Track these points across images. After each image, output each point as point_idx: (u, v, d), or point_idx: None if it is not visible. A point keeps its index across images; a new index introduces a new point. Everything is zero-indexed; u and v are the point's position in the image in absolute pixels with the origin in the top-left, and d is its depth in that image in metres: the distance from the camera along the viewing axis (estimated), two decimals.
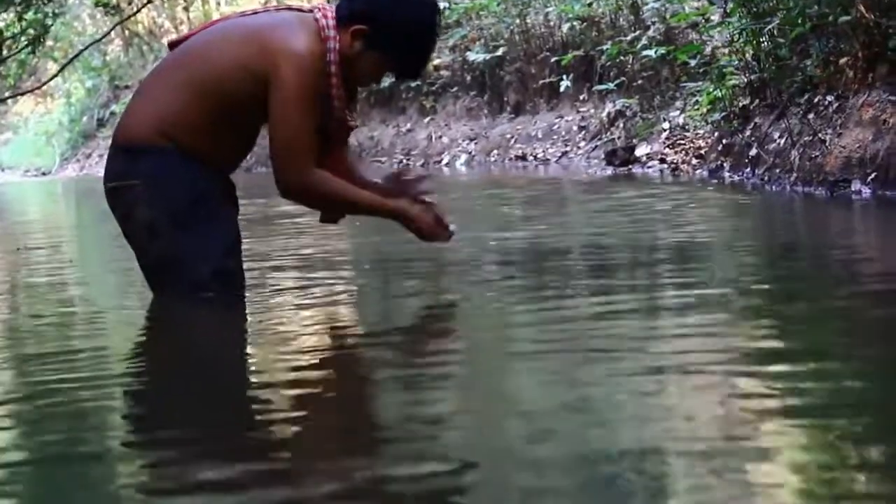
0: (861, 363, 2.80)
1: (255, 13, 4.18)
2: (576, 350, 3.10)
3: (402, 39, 3.99)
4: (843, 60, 7.68)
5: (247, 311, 4.01)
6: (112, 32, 25.22)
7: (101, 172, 4.22)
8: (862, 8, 7.34)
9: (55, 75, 17.41)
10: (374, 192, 4.18)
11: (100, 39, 19.60)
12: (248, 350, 3.51)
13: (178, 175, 3.96)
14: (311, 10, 4.07)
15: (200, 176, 4.00)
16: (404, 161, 17.10)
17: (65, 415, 2.71)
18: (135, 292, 4.48)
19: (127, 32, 26.75)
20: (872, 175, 6.77)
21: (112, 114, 25.12)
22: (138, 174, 3.97)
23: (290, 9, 4.17)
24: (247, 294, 4.16)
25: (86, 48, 19.21)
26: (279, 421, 2.58)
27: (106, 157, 4.21)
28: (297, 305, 4.10)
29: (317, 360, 3.22)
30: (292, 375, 3.02)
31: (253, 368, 3.25)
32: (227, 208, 4.14)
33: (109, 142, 4.21)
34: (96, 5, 16.49)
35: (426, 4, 4.08)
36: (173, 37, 5.24)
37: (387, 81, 17.68)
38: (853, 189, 6.88)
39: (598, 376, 2.77)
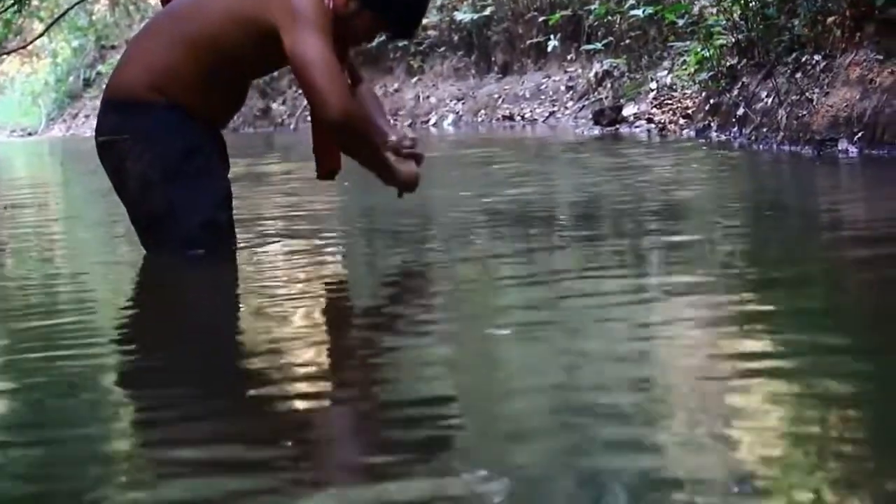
0: (841, 320, 2.83)
1: None
2: (563, 314, 3.12)
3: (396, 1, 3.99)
4: (830, 19, 7.68)
5: (237, 268, 4.02)
6: None
7: (88, 133, 4.24)
8: None
9: (41, 35, 17.31)
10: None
11: None
12: (239, 308, 3.52)
13: (169, 129, 3.96)
14: None
15: (191, 130, 4.00)
16: (392, 121, 17.08)
17: (52, 376, 2.71)
18: (123, 250, 4.49)
19: None
20: (859, 134, 6.79)
21: (98, 74, 25.05)
22: (129, 129, 3.97)
23: None
24: (237, 249, 4.17)
25: (71, 7, 19.10)
26: (269, 382, 2.58)
27: (97, 113, 4.21)
28: (287, 263, 4.11)
29: (307, 321, 3.23)
30: (282, 334, 3.03)
31: (243, 328, 3.25)
32: (218, 163, 4.15)
33: (97, 102, 4.20)
34: None
35: None
36: None
37: (375, 42, 17.71)
38: (840, 148, 6.90)
39: (584, 338, 2.78)
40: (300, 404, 2.34)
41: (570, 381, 2.35)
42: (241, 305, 3.53)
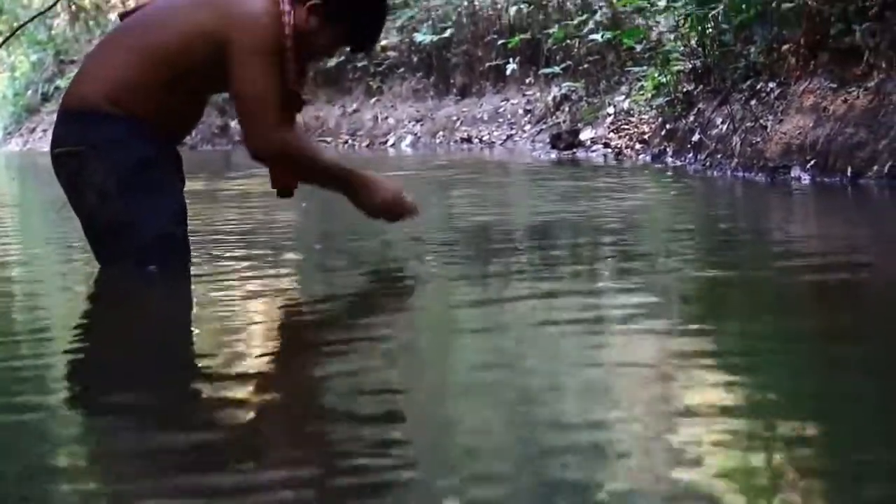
0: (784, 338, 2.87)
1: None
2: (517, 328, 3.14)
3: (356, 11, 4.03)
4: (785, 47, 7.76)
5: (191, 283, 4.02)
6: (58, 6, 25.01)
7: (46, 147, 4.21)
8: None
9: None
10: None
11: (44, 12, 19.44)
12: (193, 322, 3.52)
13: (124, 142, 3.96)
14: None
15: (147, 143, 3.99)
16: (350, 141, 17.09)
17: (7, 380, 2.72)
18: (75, 266, 4.48)
19: (73, 6, 26.54)
20: (812, 162, 6.85)
21: (57, 88, 24.91)
22: (85, 141, 3.97)
23: None
24: (192, 264, 4.17)
25: (30, 20, 19.05)
26: (225, 396, 2.59)
27: (53, 123, 4.20)
28: (243, 277, 4.12)
29: (262, 332, 3.25)
30: (237, 348, 3.04)
31: (197, 341, 3.26)
32: (174, 178, 4.14)
33: (55, 116, 4.20)
34: None
35: None
36: (122, 10, 5.22)
37: (334, 60, 17.71)
38: (793, 175, 6.97)
39: (537, 359, 2.81)
40: (253, 418, 2.35)
41: (523, 418, 2.37)
42: (193, 321, 3.52)
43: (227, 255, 4.63)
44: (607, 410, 2.27)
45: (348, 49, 4.22)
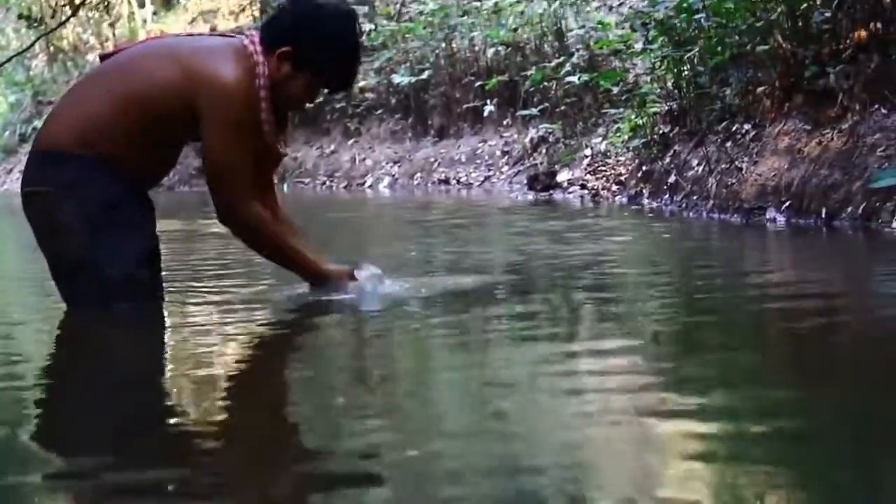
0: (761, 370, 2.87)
1: (190, 35, 4.22)
2: (492, 368, 3.15)
3: (327, 55, 4.04)
4: (760, 89, 7.81)
5: (160, 324, 4.00)
6: (37, 47, 25.00)
7: None
8: (779, 38, 7.47)
9: None
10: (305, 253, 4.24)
11: (21, 52, 19.42)
12: (165, 364, 3.51)
13: (93, 181, 3.95)
14: (238, 36, 4.11)
15: (115, 184, 3.99)
16: (327, 183, 17.10)
17: None
18: (46, 307, 4.46)
19: (52, 48, 26.55)
20: (786, 203, 6.88)
21: (34, 129, 24.85)
22: (54, 180, 3.97)
23: (221, 35, 4.23)
24: (164, 304, 4.16)
25: (7, 61, 19.01)
26: (196, 435, 2.58)
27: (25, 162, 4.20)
28: (212, 321, 4.11)
29: (234, 374, 3.24)
30: (206, 388, 3.03)
31: (168, 383, 3.24)
32: (144, 219, 4.13)
33: None
34: (19, 18, 16.36)
35: (345, 15, 4.13)
36: (102, 51, 5.24)
37: (315, 101, 17.70)
38: (768, 216, 7.00)
39: (513, 405, 2.81)
40: (226, 463, 2.34)
41: (502, 464, 2.37)
42: (159, 365, 3.48)
43: (202, 295, 4.61)
44: (581, 455, 2.27)
45: (326, 91, 4.23)
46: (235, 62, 3.96)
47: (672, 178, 8.76)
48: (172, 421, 2.72)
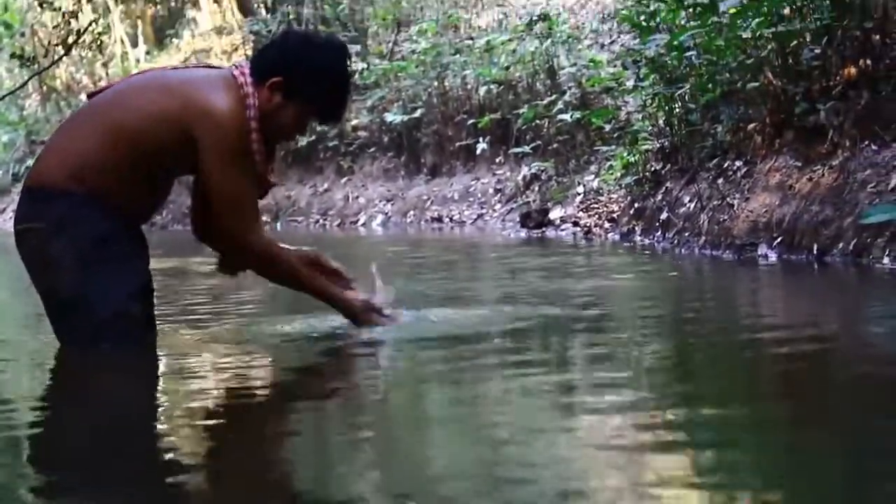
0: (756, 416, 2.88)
1: (176, 69, 4.24)
2: (489, 402, 3.15)
3: (319, 85, 4.07)
4: (751, 126, 7.84)
5: (153, 362, 4.00)
6: (30, 86, 25.04)
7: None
8: (770, 75, 7.50)
9: None
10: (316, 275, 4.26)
11: (14, 91, 19.48)
12: (156, 399, 3.51)
13: (84, 217, 3.96)
14: (229, 68, 4.13)
15: (106, 220, 4.00)
16: (321, 221, 17.11)
17: None
18: (35, 346, 4.45)
19: (45, 87, 26.61)
20: (778, 239, 6.90)
21: (27, 168, 24.88)
22: (45, 217, 3.98)
23: (209, 66, 4.25)
24: (158, 341, 4.15)
25: (0, 98, 19.06)
26: (184, 471, 2.58)
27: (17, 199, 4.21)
28: (211, 357, 4.10)
29: (224, 411, 3.24)
30: (198, 426, 3.03)
31: (160, 419, 3.23)
32: (135, 254, 4.13)
33: None
34: (12, 57, 16.40)
35: (335, 46, 4.19)
36: (91, 89, 5.26)
37: (304, 140, 17.76)
38: (759, 252, 7.01)
39: (508, 443, 2.81)
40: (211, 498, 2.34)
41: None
42: (146, 403, 3.47)
43: (195, 330, 4.61)
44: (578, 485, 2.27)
45: (317, 122, 4.25)
46: (227, 92, 3.98)
47: (664, 215, 8.77)
48: (159, 461, 2.71)
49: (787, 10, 7.45)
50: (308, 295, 4.29)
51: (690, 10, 8.43)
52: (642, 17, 9.35)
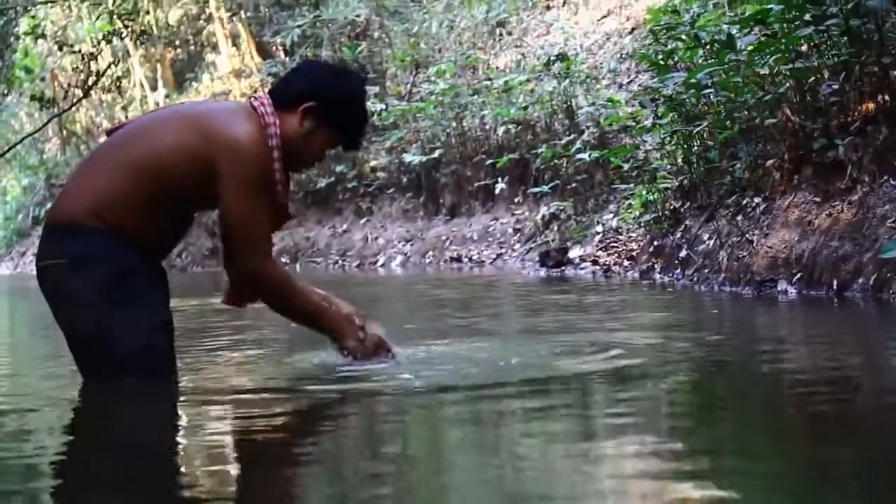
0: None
1: (193, 103, 4.26)
2: (507, 443, 3.15)
3: (348, 110, 4.17)
4: (770, 163, 7.84)
5: (175, 398, 4.00)
6: (50, 130, 25.22)
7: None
8: (788, 111, 7.51)
9: None
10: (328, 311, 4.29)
11: (35, 133, 19.64)
12: (178, 437, 3.51)
13: (105, 253, 3.98)
14: (248, 99, 4.17)
15: (127, 255, 4.01)
16: (340, 262, 17.14)
17: None
18: (60, 382, 4.46)
19: (64, 131, 26.79)
20: (798, 275, 6.89)
21: (47, 211, 25.04)
22: (66, 253, 3.99)
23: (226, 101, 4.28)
24: (178, 381, 4.16)
25: (19, 142, 19.20)
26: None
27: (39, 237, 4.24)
28: (232, 391, 4.11)
29: (245, 443, 3.24)
30: (218, 459, 3.03)
31: (182, 455, 3.24)
32: (156, 289, 4.15)
33: None
34: (32, 99, 16.52)
35: (355, 76, 4.41)
36: (109, 127, 5.29)
37: (323, 182, 17.81)
38: (779, 289, 7.00)
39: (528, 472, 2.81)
40: None
41: None
42: (173, 442, 3.46)
43: (215, 367, 4.62)
44: None
45: (342, 149, 4.32)
46: (247, 121, 4.01)
47: (683, 253, 8.77)
48: (180, 495, 2.71)
49: (804, 47, 7.47)
50: (316, 331, 4.31)
51: (708, 47, 8.46)
52: (660, 56, 9.38)
